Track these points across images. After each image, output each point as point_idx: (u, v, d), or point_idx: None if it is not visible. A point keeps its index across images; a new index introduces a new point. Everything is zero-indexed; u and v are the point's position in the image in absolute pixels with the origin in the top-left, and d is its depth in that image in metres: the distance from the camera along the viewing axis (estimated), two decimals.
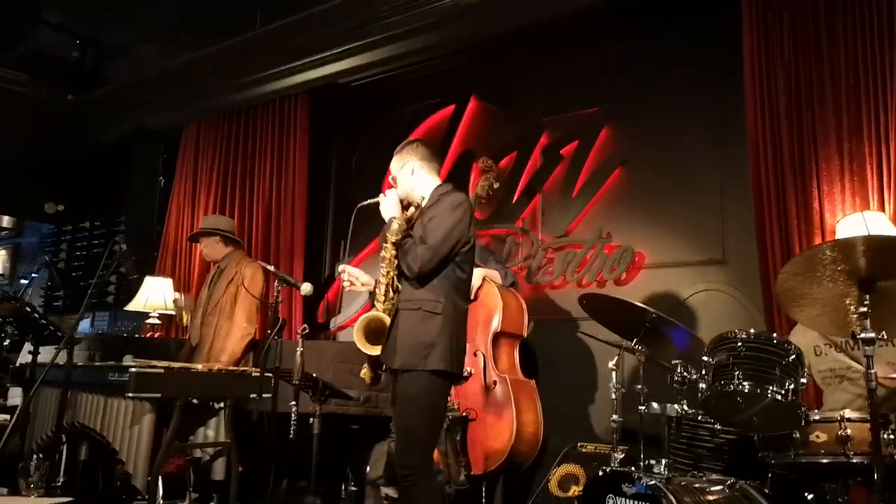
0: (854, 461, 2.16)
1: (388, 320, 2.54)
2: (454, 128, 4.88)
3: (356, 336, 2.54)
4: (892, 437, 2.15)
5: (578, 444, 3.61)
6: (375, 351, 2.54)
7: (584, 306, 3.02)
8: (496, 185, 4.16)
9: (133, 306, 4.82)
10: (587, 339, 3.83)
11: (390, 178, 2.83)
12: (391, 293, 2.59)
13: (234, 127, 5.67)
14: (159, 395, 3.04)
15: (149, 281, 4.90)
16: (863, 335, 1.92)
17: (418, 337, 2.49)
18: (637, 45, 4.24)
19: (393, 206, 2.68)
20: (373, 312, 2.56)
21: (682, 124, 3.99)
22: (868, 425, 2.06)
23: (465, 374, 3.59)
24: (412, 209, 2.70)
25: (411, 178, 2.75)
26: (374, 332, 2.55)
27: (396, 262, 2.58)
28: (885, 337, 1.93)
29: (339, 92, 5.28)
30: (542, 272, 4.30)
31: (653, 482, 2.22)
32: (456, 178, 4.66)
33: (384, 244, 2.61)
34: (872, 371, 1.92)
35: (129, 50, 6.29)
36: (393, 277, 2.59)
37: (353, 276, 2.73)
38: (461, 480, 3.46)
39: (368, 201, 2.79)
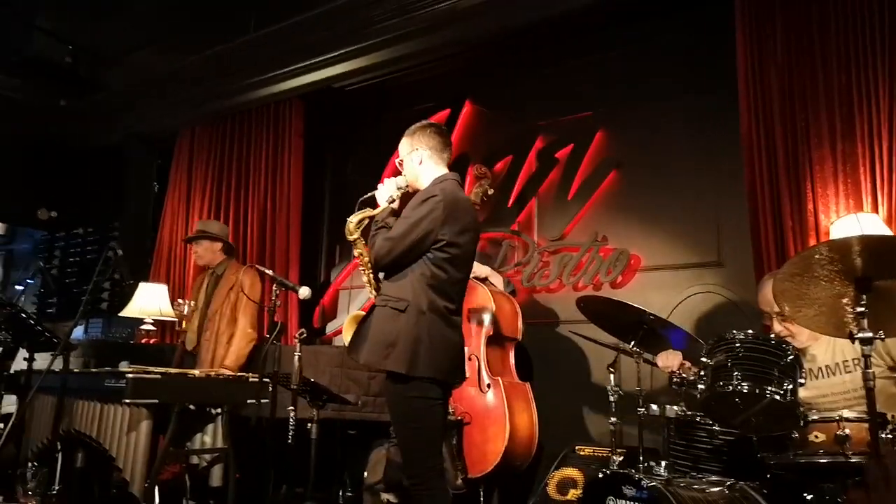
0: (853, 461, 2.17)
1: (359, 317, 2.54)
2: (449, 132, 4.87)
3: (345, 330, 2.55)
4: (890, 436, 2.16)
5: (576, 447, 3.60)
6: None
7: (582, 309, 3.03)
8: (490, 192, 4.15)
9: (127, 312, 4.80)
10: (583, 342, 3.83)
11: (397, 161, 2.74)
12: (373, 291, 2.59)
13: (228, 132, 5.66)
14: (156, 401, 3.03)
15: (143, 287, 4.88)
16: (860, 335, 1.93)
17: (382, 334, 2.41)
18: (630, 50, 4.27)
19: (387, 193, 2.61)
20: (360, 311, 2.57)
21: (676, 127, 4.02)
22: (866, 425, 2.06)
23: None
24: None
25: (418, 167, 2.64)
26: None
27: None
28: (884, 337, 1.95)
29: (335, 96, 5.28)
30: (538, 276, 4.31)
31: (653, 484, 2.22)
32: None
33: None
34: (870, 371, 1.93)
35: (123, 55, 6.26)
36: (370, 273, 2.59)
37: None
38: (458, 484, 3.45)
39: (369, 194, 2.69)
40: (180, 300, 4.15)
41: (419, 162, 2.65)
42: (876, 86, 3.16)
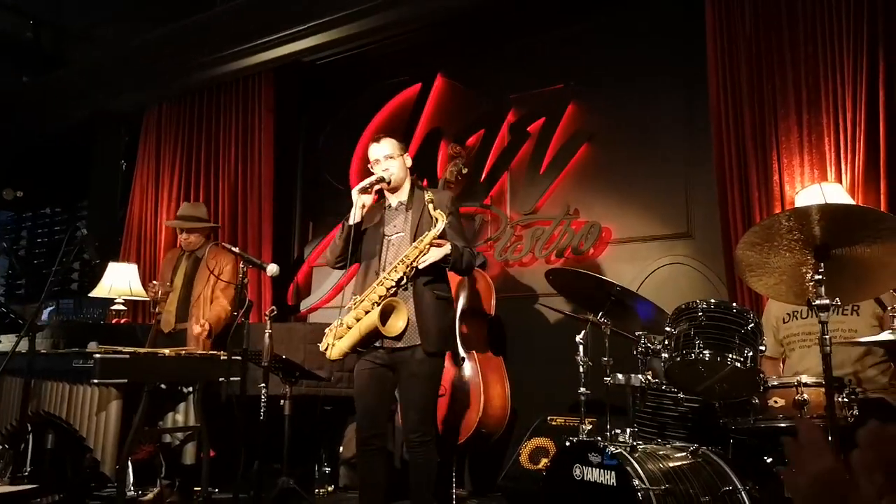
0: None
1: (400, 304, 2.65)
2: (421, 106, 4.85)
3: (377, 316, 2.57)
4: (846, 400, 2.21)
5: (548, 418, 3.65)
6: (389, 332, 2.63)
7: (551, 281, 3.05)
8: (465, 171, 4.16)
9: (97, 292, 4.73)
10: (555, 315, 3.86)
11: (382, 155, 2.85)
12: (395, 287, 2.67)
13: (197, 108, 5.56)
14: (126, 380, 3.01)
15: (113, 266, 4.81)
16: (818, 302, 1.97)
17: (443, 322, 2.80)
18: (602, 22, 4.25)
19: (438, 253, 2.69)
20: (391, 298, 2.64)
21: (647, 100, 4.02)
22: (823, 389, 2.11)
23: None
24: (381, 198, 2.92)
25: (405, 169, 2.91)
26: (388, 314, 2.67)
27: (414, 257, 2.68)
28: (840, 303, 1.98)
29: (305, 70, 5.21)
30: (511, 249, 4.32)
31: (617, 451, 2.26)
32: (423, 158, 4.65)
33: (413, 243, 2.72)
34: (827, 336, 1.97)
35: (87, 31, 6.10)
36: (414, 269, 2.67)
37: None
38: None
39: (350, 215, 2.82)
40: (154, 281, 4.06)
41: (407, 165, 2.92)
42: (841, 57, 3.18)
